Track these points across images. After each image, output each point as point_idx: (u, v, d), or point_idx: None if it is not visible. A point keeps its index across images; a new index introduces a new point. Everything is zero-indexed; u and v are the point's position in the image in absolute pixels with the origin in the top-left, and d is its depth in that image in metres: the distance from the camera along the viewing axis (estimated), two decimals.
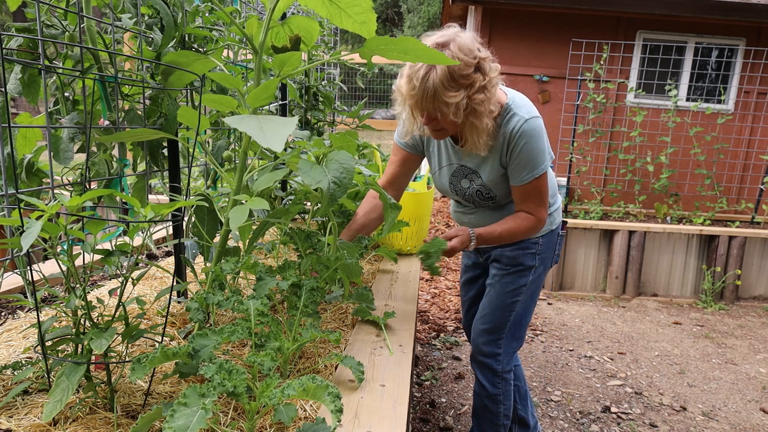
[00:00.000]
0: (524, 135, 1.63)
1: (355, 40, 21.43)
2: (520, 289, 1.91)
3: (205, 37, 1.61)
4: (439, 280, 4.90)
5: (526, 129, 1.62)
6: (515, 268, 1.90)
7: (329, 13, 1.23)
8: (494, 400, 1.98)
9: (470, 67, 1.49)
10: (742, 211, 5.45)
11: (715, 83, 5.97)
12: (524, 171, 1.68)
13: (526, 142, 1.63)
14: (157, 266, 1.31)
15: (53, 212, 0.91)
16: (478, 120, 1.55)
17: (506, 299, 1.91)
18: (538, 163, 1.67)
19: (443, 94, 1.48)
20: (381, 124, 10.07)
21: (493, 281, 1.95)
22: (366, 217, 1.83)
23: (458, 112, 1.51)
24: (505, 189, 1.78)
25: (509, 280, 1.90)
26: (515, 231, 1.77)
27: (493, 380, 1.97)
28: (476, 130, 1.58)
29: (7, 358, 1.21)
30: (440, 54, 1.24)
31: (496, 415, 2.01)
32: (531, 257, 1.89)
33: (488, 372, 1.97)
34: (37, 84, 1.26)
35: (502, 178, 1.75)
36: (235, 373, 0.89)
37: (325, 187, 1.18)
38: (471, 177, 1.80)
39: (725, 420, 2.81)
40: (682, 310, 4.57)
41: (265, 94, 1.13)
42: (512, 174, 1.71)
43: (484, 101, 1.53)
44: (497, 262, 1.94)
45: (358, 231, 1.79)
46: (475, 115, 1.54)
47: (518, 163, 1.67)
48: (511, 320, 1.92)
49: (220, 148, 1.85)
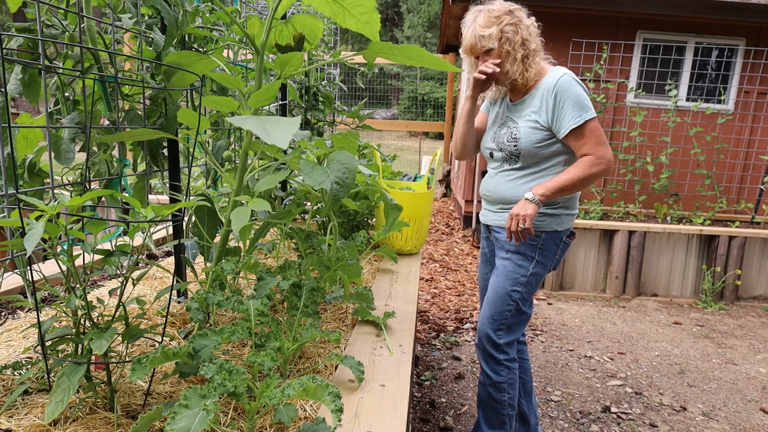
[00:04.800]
0: (567, 82, 1.85)
1: (355, 40, 21.39)
2: (519, 279, 1.97)
3: (205, 37, 1.61)
4: (439, 279, 4.90)
5: (568, 78, 1.86)
6: (516, 255, 1.98)
7: (333, 13, 1.23)
8: (498, 388, 2.02)
9: (502, 12, 1.90)
10: (742, 211, 5.45)
11: (715, 83, 5.96)
12: (575, 112, 1.83)
13: (569, 89, 1.84)
14: (158, 266, 1.31)
15: (54, 213, 0.91)
16: (512, 47, 1.88)
17: (507, 286, 1.98)
18: (587, 106, 1.84)
19: (480, 31, 1.90)
20: (381, 124, 10.07)
21: (497, 270, 2.04)
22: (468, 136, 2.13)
23: (492, 41, 1.89)
24: (531, 138, 1.90)
25: (511, 268, 1.98)
26: (580, 174, 1.85)
27: (496, 368, 2.01)
28: (511, 57, 1.89)
29: (7, 358, 1.21)
30: (443, 60, 1.30)
31: (500, 403, 2.04)
32: (531, 248, 1.97)
33: (491, 360, 2.02)
34: (38, 84, 1.26)
35: (532, 124, 1.90)
36: (236, 374, 0.89)
37: (328, 188, 1.18)
38: (509, 124, 1.98)
39: (725, 420, 2.81)
40: (682, 310, 4.57)
41: (267, 96, 1.13)
42: (563, 120, 1.85)
43: (515, 33, 1.88)
44: (502, 250, 2.03)
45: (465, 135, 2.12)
46: (509, 43, 1.88)
47: (569, 107, 1.83)
48: (512, 309, 1.98)
49: (220, 148, 1.85)
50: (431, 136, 16.87)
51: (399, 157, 9.89)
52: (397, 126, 11.96)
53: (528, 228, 1.84)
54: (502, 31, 1.89)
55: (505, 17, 1.90)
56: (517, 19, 1.91)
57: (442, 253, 5.71)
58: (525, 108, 1.95)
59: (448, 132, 9.55)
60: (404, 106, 19.55)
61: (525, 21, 1.92)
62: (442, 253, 5.71)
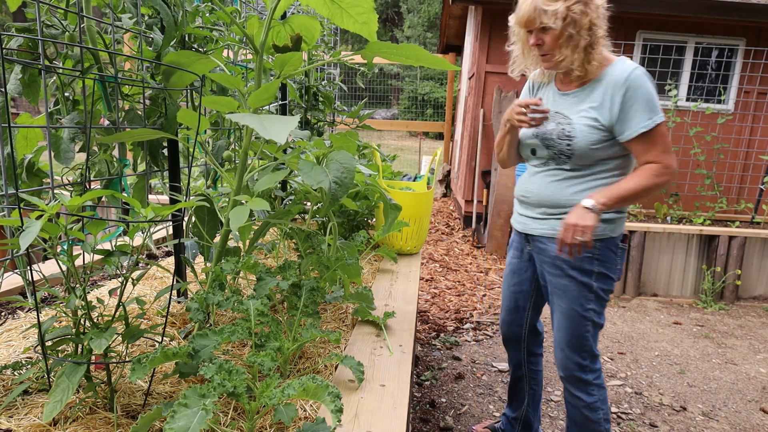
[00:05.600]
0: (640, 78, 1.62)
1: (355, 40, 21.40)
2: (588, 297, 1.76)
3: (205, 37, 1.61)
4: (439, 279, 4.90)
5: (640, 73, 1.62)
6: (575, 271, 1.76)
7: (330, 13, 1.23)
8: (592, 408, 1.86)
9: None
10: (742, 211, 5.45)
11: (715, 83, 5.96)
12: (646, 114, 1.61)
13: (642, 85, 1.61)
14: (158, 266, 1.31)
15: (53, 212, 0.91)
16: (577, 31, 1.61)
17: (577, 308, 1.77)
18: (658, 108, 1.63)
19: (542, 3, 1.60)
20: (381, 124, 10.07)
21: (557, 291, 1.82)
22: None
23: (556, 21, 1.60)
24: (588, 137, 1.67)
25: (573, 287, 1.77)
26: (644, 184, 1.64)
27: (587, 389, 1.85)
28: (573, 42, 1.63)
29: (7, 358, 1.21)
30: (442, 60, 1.27)
31: (596, 423, 1.88)
32: (589, 261, 1.74)
33: (580, 384, 1.85)
34: (38, 84, 1.26)
35: (590, 122, 1.67)
36: (235, 374, 0.89)
37: (327, 188, 1.18)
38: (559, 120, 1.73)
39: (725, 420, 2.81)
40: (682, 310, 4.57)
41: (266, 95, 1.13)
42: (631, 122, 1.62)
43: (583, 15, 1.60)
44: (554, 265, 1.80)
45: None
46: (574, 25, 1.61)
47: (639, 107, 1.61)
48: (590, 328, 1.80)
49: (220, 148, 1.85)
50: (431, 136, 16.88)
51: (399, 157, 9.89)
52: (397, 126, 11.96)
53: (587, 241, 1.61)
54: (569, 9, 1.59)
55: None
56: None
57: (442, 253, 5.71)
58: (581, 102, 1.70)
59: (448, 132, 9.55)
60: (404, 106, 19.56)
61: (596, 0, 1.63)
62: (442, 253, 5.71)
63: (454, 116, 9.61)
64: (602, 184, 1.72)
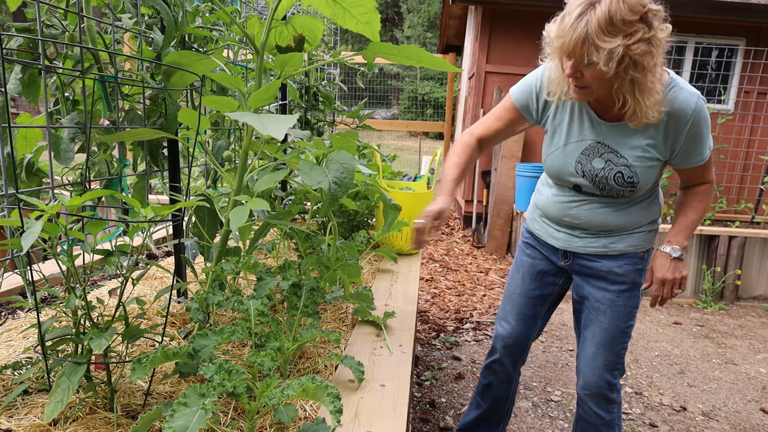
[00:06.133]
0: (703, 110, 1.46)
1: (355, 39, 21.40)
2: (633, 311, 1.69)
3: (205, 37, 1.61)
4: (439, 279, 4.90)
5: (702, 104, 1.46)
6: (626, 286, 1.66)
7: (333, 13, 1.24)
8: (609, 425, 1.81)
9: (635, 14, 1.27)
10: (742, 211, 5.45)
11: (715, 83, 5.96)
12: (704, 147, 1.51)
13: (705, 118, 1.47)
14: (158, 266, 1.31)
15: (53, 212, 0.91)
16: (642, 74, 1.32)
17: (622, 324, 1.68)
18: (710, 138, 1.54)
19: (596, 36, 1.27)
20: (381, 124, 10.07)
21: (601, 306, 1.69)
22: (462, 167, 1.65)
23: (610, 63, 1.28)
24: (649, 176, 1.53)
25: (622, 302, 1.67)
26: (706, 207, 1.62)
27: (609, 407, 1.79)
28: (640, 87, 1.34)
29: (7, 358, 1.21)
30: (442, 60, 1.25)
31: None
32: (638, 273, 1.66)
33: (604, 401, 1.78)
34: (37, 84, 1.26)
35: (650, 162, 1.50)
36: (235, 374, 0.89)
37: (326, 188, 1.18)
38: (608, 156, 1.52)
39: (725, 420, 2.81)
40: (682, 310, 4.57)
41: (266, 95, 1.13)
42: (694, 153, 1.52)
43: (646, 54, 1.30)
44: (603, 279, 1.68)
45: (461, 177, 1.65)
46: (636, 68, 1.31)
47: (703, 139, 1.50)
48: (627, 343, 1.73)
49: (220, 148, 1.85)
50: (431, 136, 16.88)
51: (399, 157, 9.89)
52: (397, 126, 11.97)
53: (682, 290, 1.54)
54: (628, 49, 1.27)
55: (640, 27, 1.28)
56: (653, 34, 1.30)
57: (442, 253, 5.71)
58: (635, 135, 1.49)
59: (448, 132, 9.55)
60: (404, 106, 19.58)
61: (659, 33, 1.33)
62: (442, 253, 5.71)
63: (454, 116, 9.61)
64: (652, 197, 1.67)
